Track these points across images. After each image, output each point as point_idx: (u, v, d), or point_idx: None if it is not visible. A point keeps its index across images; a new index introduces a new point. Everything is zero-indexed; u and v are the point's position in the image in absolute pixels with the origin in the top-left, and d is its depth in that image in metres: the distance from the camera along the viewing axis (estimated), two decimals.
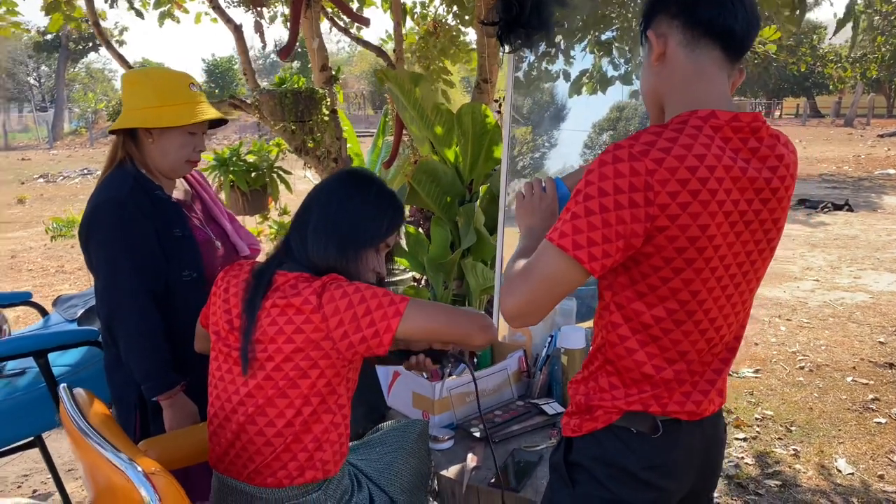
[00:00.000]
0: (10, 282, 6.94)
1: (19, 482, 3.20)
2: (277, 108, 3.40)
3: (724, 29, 1.22)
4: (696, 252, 1.16)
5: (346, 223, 1.53)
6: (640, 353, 1.25)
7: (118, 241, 1.76)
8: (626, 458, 1.28)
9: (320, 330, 1.39)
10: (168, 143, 1.85)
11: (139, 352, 1.78)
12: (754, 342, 4.97)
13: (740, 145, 1.19)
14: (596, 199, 1.12)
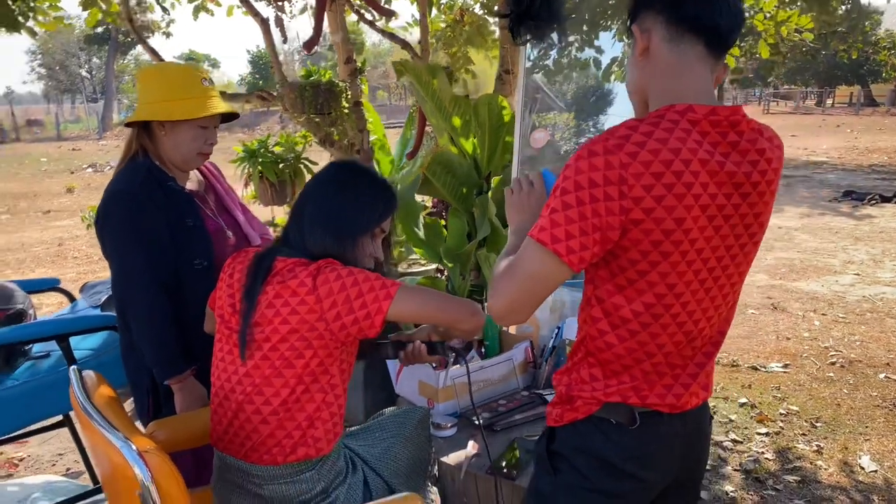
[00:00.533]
0: (56, 269, 7.19)
1: (54, 461, 3.34)
2: (298, 101, 3.46)
3: (708, 25, 1.22)
4: (672, 245, 1.17)
5: (341, 213, 1.58)
6: (619, 347, 1.27)
7: (129, 231, 1.84)
8: (606, 448, 1.30)
9: (314, 311, 1.45)
10: (180, 135, 1.92)
11: (150, 338, 1.86)
12: (786, 336, 4.88)
13: (719, 139, 1.19)
14: (572, 194, 1.14)
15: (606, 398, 1.29)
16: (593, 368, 1.31)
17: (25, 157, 22.16)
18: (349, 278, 1.46)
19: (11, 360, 2.38)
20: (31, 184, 15.61)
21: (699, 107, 1.18)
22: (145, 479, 1.28)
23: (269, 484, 1.53)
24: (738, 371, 4.27)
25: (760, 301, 5.72)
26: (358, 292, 1.45)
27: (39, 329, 2.27)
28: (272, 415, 1.51)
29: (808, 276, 6.46)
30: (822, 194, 11.46)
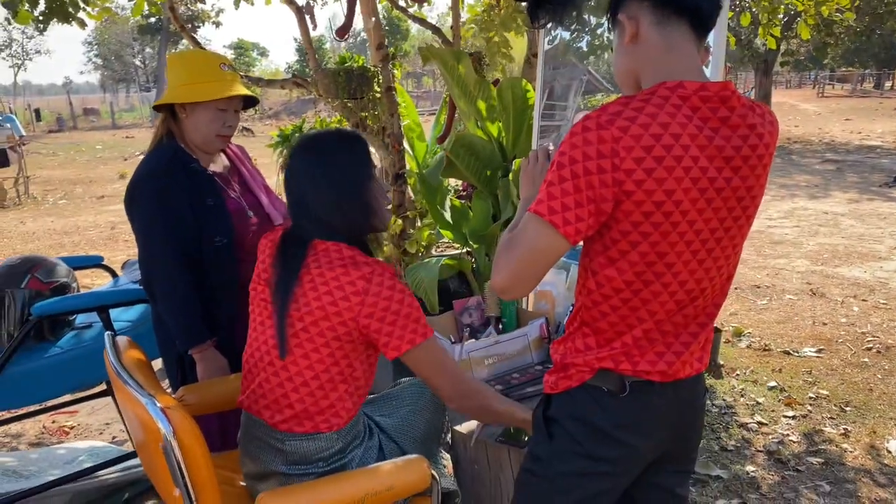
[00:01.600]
0: (108, 251, 7.48)
1: (101, 429, 3.54)
2: (332, 86, 3.56)
3: (691, 6, 1.27)
4: (663, 216, 1.22)
5: (343, 184, 1.62)
6: (612, 315, 1.32)
7: (153, 211, 1.97)
8: (598, 415, 1.35)
9: (353, 311, 1.53)
10: (199, 117, 2.04)
11: (172, 310, 1.99)
12: (822, 322, 4.82)
13: (709, 114, 1.22)
14: (567, 168, 1.19)
15: (599, 364, 1.34)
16: (587, 338, 1.37)
17: (82, 144, 22.92)
18: (398, 297, 1.54)
19: (56, 330, 2.55)
20: (87, 170, 16.18)
21: (689, 83, 1.22)
22: (167, 433, 1.39)
23: (290, 440, 1.63)
24: (769, 355, 4.24)
25: (799, 286, 5.65)
26: (394, 319, 1.54)
27: (81, 301, 2.45)
28: (294, 392, 1.60)
29: (851, 262, 6.33)
30: (873, 179, 11.15)
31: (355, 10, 3.86)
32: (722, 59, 2.16)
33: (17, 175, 11.91)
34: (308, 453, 1.63)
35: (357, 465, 1.68)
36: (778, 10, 5.42)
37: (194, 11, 31.22)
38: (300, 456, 1.63)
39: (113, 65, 50.56)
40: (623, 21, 1.30)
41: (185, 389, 1.94)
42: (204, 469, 1.46)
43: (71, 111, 34.43)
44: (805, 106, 28.36)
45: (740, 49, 17.05)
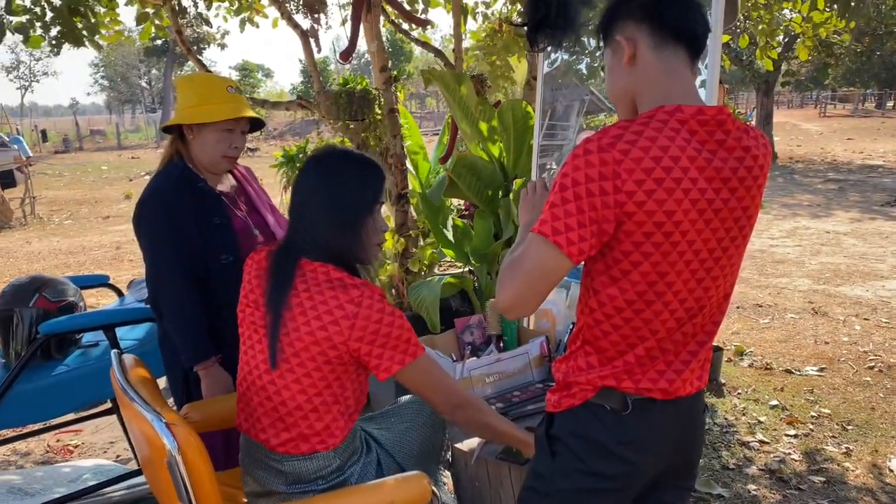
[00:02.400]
0: (113, 271, 7.53)
1: (105, 448, 3.55)
2: (333, 108, 3.62)
3: (687, 31, 1.32)
4: (663, 237, 1.25)
5: (341, 207, 1.62)
6: (614, 334, 1.35)
7: (160, 230, 2.02)
8: (600, 432, 1.38)
9: (343, 334, 1.53)
10: (206, 138, 2.09)
11: (179, 326, 2.03)
12: (824, 341, 4.83)
13: (706, 137, 1.26)
14: (570, 189, 1.22)
15: (602, 382, 1.36)
16: (590, 356, 1.39)
17: (88, 164, 23.08)
18: (388, 319, 1.55)
19: (63, 348, 2.58)
20: (93, 190, 16.29)
21: (687, 107, 1.26)
22: (172, 449, 1.42)
23: (288, 461, 1.65)
24: (771, 374, 4.25)
25: (801, 305, 5.66)
26: (384, 342, 1.56)
27: (88, 319, 2.48)
28: (288, 415, 1.62)
29: (853, 281, 6.34)
30: (875, 198, 11.18)
31: (359, 34, 3.93)
32: (716, 80, 2.20)
33: (23, 195, 12.01)
34: (307, 473, 1.65)
35: (356, 480, 1.70)
36: (776, 33, 5.48)
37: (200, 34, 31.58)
38: (299, 476, 1.65)
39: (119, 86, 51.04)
40: (621, 42, 1.34)
41: (190, 407, 1.97)
42: (208, 485, 1.48)
43: (77, 132, 34.69)
44: (807, 125, 28.46)
45: (741, 69, 17.16)
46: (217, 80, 2.15)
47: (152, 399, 1.59)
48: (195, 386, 2.08)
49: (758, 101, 17.90)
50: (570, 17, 1.67)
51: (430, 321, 3.01)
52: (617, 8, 1.36)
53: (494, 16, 5.61)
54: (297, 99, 4.10)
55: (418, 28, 4.81)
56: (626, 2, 1.35)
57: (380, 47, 3.92)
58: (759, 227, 9.06)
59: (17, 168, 12.50)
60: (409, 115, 4.50)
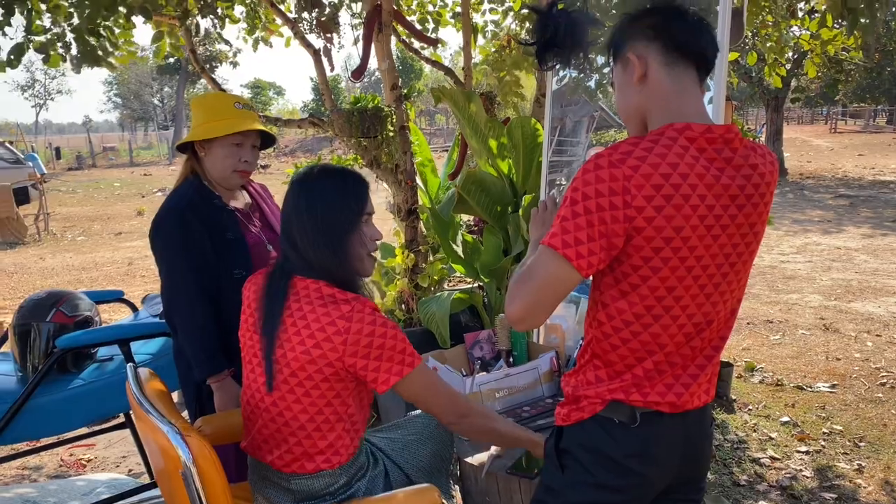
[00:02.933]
0: (125, 286, 7.59)
1: (118, 462, 3.58)
2: (346, 125, 3.67)
3: (697, 51, 1.35)
4: (672, 252, 1.27)
5: (324, 224, 1.63)
6: (623, 348, 1.37)
7: (174, 244, 2.07)
8: (609, 446, 1.39)
9: (337, 351, 1.54)
10: (215, 154, 2.14)
11: (191, 339, 2.06)
12: (836, 357, 4.81)
13: (714, 155, 1.29)
14: (580, 203, 1.25)
15: (611, 395, 1.38)
16: (598, 370, 1.41)
17: (101, 181, 23.30)
18: (380, 331, 1.55)
19: (79, 362, 2.62)
20: (105, 207, 16.44)
21: (696, 125, 1.29)
22: (187, 459, 1.44)
23: (295, 480, 1.67)
24: (782, 390, 4.24)
25: (812, 321, 5.64)
26: (379, 354, 1.55)
27: (103, 334, 2.52)
28: (292, 436, 1.63)
29: (864, 297, 6.32)
30: (887, 214, 11.14)
31: (370, 53, 3.98)
32: (722, 97, 2.23)
33: (37, 212, 12.14)
34: (315, 491, 1.66)
35: (364, 493, 1.71)
36: (785, 50, 5.51)
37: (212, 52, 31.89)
38: (307, 494, 1.67)
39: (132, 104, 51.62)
40: (632, 59, 1.36)
41: (203, 420, 1.99)
42: (222, 496, 1.51)
43: (90, 149, 35.07)
44: (818, 141, 28.40)
45: (751, 86, 17.19)
46: (225, 98, 2.20)
47: (167, 411, 1.62)
48: (208, 399, 2.11)
49: (767, 118, 17.89)
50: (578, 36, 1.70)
51: (439, 336, 3.03)
52: (628, 26, 1.39)
53: (503, 32, 5.68)
54: (309, 117, 4.16)
55: (428, 47, 4.87)
56: (637, 20, 1.38)
57: (391, 66, 3.98)
58: (769, 242, 9.03)
59: (32, 185, 12.64)
60: (419, 132, 4.55)
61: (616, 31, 1.41)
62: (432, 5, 5.39)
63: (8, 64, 3.34)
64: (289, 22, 4.33)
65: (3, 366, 2.69)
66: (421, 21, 5.39)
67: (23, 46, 3.34)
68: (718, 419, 3.79)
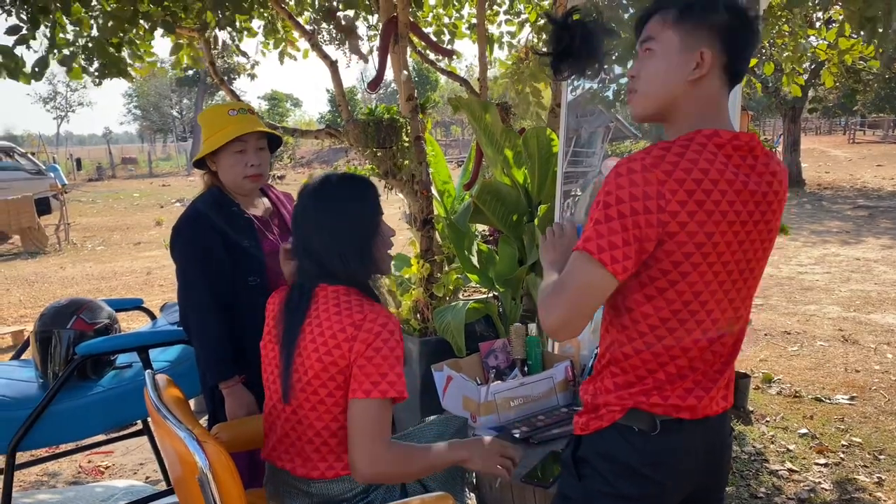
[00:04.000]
0: (144, 295, 7.66)
1: (136, 469, 3.61)
2: (362, 136, 3.69)
3: (742, 76, 1.39)
4: (702, 257, 1.29)
5: (351, 235, 1.65)
6: (646, 352, 1.36)
7: (190, 251, 2.12)
8: (628, 454, 1.38)
9: (346, 357, 1.57)
10: (222, 164, 2.19)
11: (204, 344, 2.11)
12: (855, 369, 4.76)
13: (740, 162, 1.32)
14: (614, 207, 1.25)
15: (631, 399, 1.38)
16: (616, 377, 1.40)
17: (120, 192, 23.58)
18: (379, 344, 1.55)
19: (98, 369, 2.65)
20: (125, 217, 16.63)
21: (724, 132, 1.31)
22: (203, 465, 1.46)
23: (315, 484, 1.68)
24: (800, 402, 4.20)
25: (831, 333, 5.58)
26: (365, 364, 1.55)
27: (122, 341, 2.56)
28: (309, 443, 1.65)
29: (884, 309, 6.25)
30: None
31: (386, 64, 4.01)
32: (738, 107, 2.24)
33: (58, 222, 12.30)
34: (333, 495, 1.68)
35: (381, 501, 1.72)
36: (802, 59, 5.49)
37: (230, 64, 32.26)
38: (325, 498, 1.68)
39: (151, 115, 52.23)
40: (703, 55, 1.30)
41: (220, 427, 2.02)
42: (237, 502, 1.52)
43: (110, 160, 35.50)
44: (836, 152, 28.16)
45: (767, 96, 17.10)
46: (221, 108, 2.23)
47: (184, 418, 1.64)
48: (220, 405, 2.13)
49: (785, 128, 17.79)
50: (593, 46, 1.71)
51: (455, 346, 3.04)
52: (709, 13, 1.31)
53: (521, 44, 5.71)
54: (325, 128, 4.19)
55: (444, 58, 4.90)
56: (719, 15, 1.30)
57: (407, 77, 4.00)
58: (787, 253, 8.97)
59: (53, 195, 12.82)
60: (435, 142, 4.57)
61: (696, 4, 1.32)
62: (448, 17, 5.43)
63: (32, 76, 3.41)
64: (306, 34, 4.38)
65: (25, 372, 2.73)
66: (437, 33, 5.42)
67: (46, 59, 3.41)
68: (736, 431, 3.76)
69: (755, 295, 1.46)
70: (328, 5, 4.24)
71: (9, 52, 3.23)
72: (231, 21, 4.24)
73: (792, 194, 16.05)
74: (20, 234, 11.65)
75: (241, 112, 2.21)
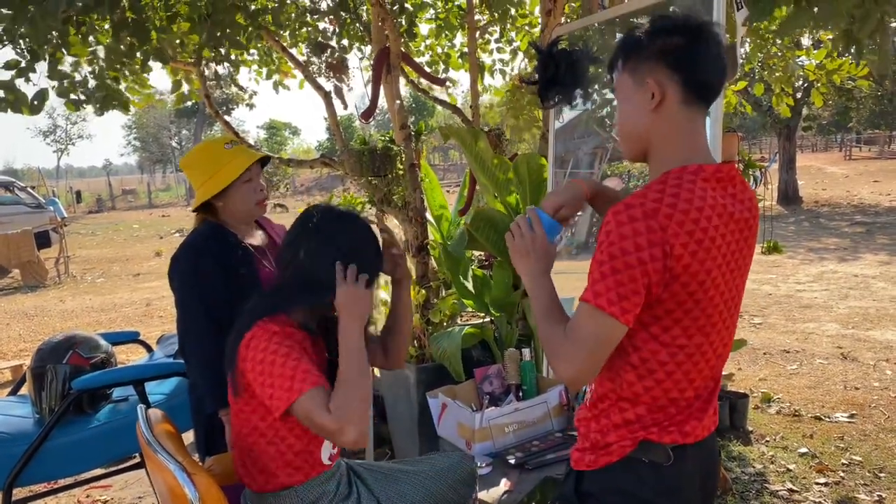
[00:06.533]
0: (143, 327, 7.66)
1: (134, 502, 3.59)
2: (357, 165, 3.74)
3: (712, 91, 1.37)
4: (703, 293, 1.31)
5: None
6: (656, 389, 1.36)
7: (188, 280, 2.14)
8: (638, 487, 1.38)
9: (243, 363, 1.65)
10: (234, 198, 2.21)
11: (203, 372, 2.12)
12: (854, 386, 4.75)
13: (724, 192, 1.35)
14: (620, 258, 1.25)
15: (643, 433, 1.38)
16: (625, 412, 1.39)
17: (120, 223, 23.65)
18: (272, 356, 1.58)
19: (95, 403, 2.66)
20: (124, 248, 16.67)
21: (707, 166, 1.33)
22: (193, 498, 1.47)
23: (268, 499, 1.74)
24: (799, 421, 4.19)
25: (829, 350, 5.58)
26: (268, 380, 1.57)
27: (118, 375, 2.57)
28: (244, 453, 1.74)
29: (883, 325, 6.25)
30: None
31: (379, 94, 4.07)
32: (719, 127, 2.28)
33: (58, 255, 12.33)
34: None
35: None
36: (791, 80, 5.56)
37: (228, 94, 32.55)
38: None
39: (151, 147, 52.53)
40: (651, 85, 1.34)
41: (214, 459, 2.02)
42: None
43: (110, 192, 35.64)
44: (832, 169, 28.28)
45: (761, 115, 17.23)
46: (213, 145, 2.25)
47: (175, 450, 1.65)
48: (220, 434, 2.14)
49: (780, 146, 17.89)
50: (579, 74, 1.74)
51: (453, 371, 3.04)
52: (649, 42, 1.35)
53: (513, 72, 5.78)
54: (321, 157, 4.24)
55: (435, 86, 4.96)
56: (659, 37, 1.34)
57: (400, 107, 4.06)
58: (785, 271, 8.98)
59: (53, 229, 12.87)
60: (430, 169, 4.61)
61: (633, 44, 1.37)
62: (440, 47, 5.51)
63: (31, 110, 3.46)
64: (300, 66, 4.45)
65: (22, 408, 2.73)
66: (433, 62, 5.50)
67: (45, 92, 3.46)
68: (735, 451, 3.75)
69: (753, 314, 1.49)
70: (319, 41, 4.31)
71: (10, 86, 3.29)
72: (227, 57, 4.31)
73: (789, 212, 16.10)
74: (20, 267, 11.68)
75: (233, 144, 2.25)
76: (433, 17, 5.33)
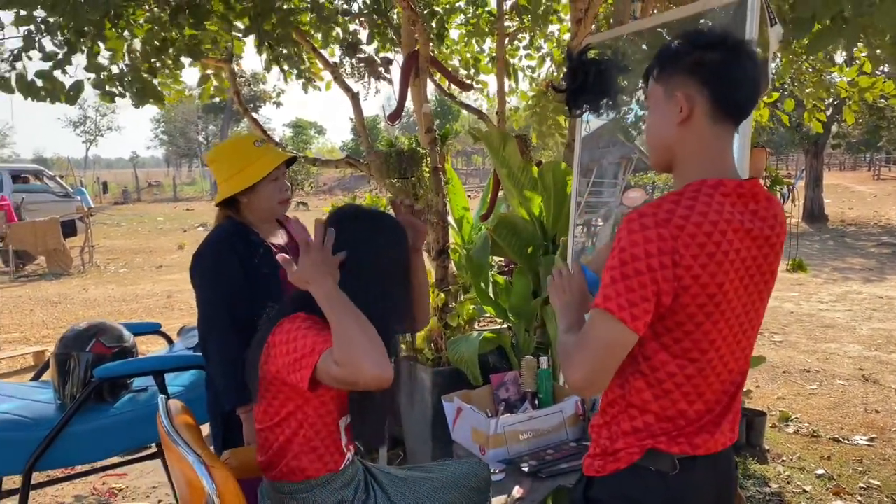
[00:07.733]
0: (164, 319, 7.74)
1: (148, 493, 3.63)
2: (383, 166, 3.76)
3: (742, 110, 1.37)
4: (714, 306, 1.31)
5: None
6: (664, 399, 1.37)
7: (210, 277, 2.16)
8: (645, 495, 1.39)
9: (267, 362, 1.64)
10: (260, 195, 2.23)
11: (222, 369, 2.13)
12: (875, 409, 4.68)
13: (744, 208, 1.34)
14: (630, 265, 1.27)
15: (651, 441, 1.38)
16: (634, 420, 1.40)
17: (145, 215, 23.92)
18: (295, 333, 1.59)
19: (115, 392, 2.70)
20: (148, 240, 16.86)
21: (728, 181, 1.33)
22: (211, 490, 1.49)
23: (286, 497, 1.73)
24: (818, 442, 4.14)
25: (851, 372, 5.51)
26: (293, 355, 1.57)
27: (139, 365, 2.61)
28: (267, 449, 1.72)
29: None
30: None
31: (406, 97, 4.09)
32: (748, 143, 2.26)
33: (83, 244, 12.50)
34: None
35: None
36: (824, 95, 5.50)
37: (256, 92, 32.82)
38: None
39: (178, 141, 53.11)
40: (679, 98, 1.34)
41: (231, 453, 2.04)
42: None
43: (136, 184, 36.04)
44: (860, 188, 27.90)
45: (790, 131, 17.05)
46: (242, 141, 2.28)
47: (195, 443, 1.67)
48: (237, 430, 2.15)
49: (807, 163, 17.70)
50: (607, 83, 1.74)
51: (471, 375, 3.04)
52: (682, 54, 1.35)
53: (541, 78, 5.77)
54: (346, 157, 4.26)
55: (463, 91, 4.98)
56: (693, 51, 1.34)
57: (426, 110, 4.07)
58: (808, 290, 8.88)
59: (79, 218, 13.05)
60: (454, 173, 4.62)
61: (669, 54, 1.38)
62: (469, 52, 5.52)
63: (67, 100, 3.52)
64: (329, 66, 4.47)
65: (44, 394, 2.78)
66: (464, 66, 5.51)
67: (81, 83, 3.51)
68: (751, 470, 3.71)
69: (774, 332, 1.48)
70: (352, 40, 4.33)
71: (49, 76, 3.34)
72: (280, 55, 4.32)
73: (814, 230, 15.90)
74: (46, 255, 11.86)
75: (262, 142, 2.28)
76: (464, 22, 5.34)
